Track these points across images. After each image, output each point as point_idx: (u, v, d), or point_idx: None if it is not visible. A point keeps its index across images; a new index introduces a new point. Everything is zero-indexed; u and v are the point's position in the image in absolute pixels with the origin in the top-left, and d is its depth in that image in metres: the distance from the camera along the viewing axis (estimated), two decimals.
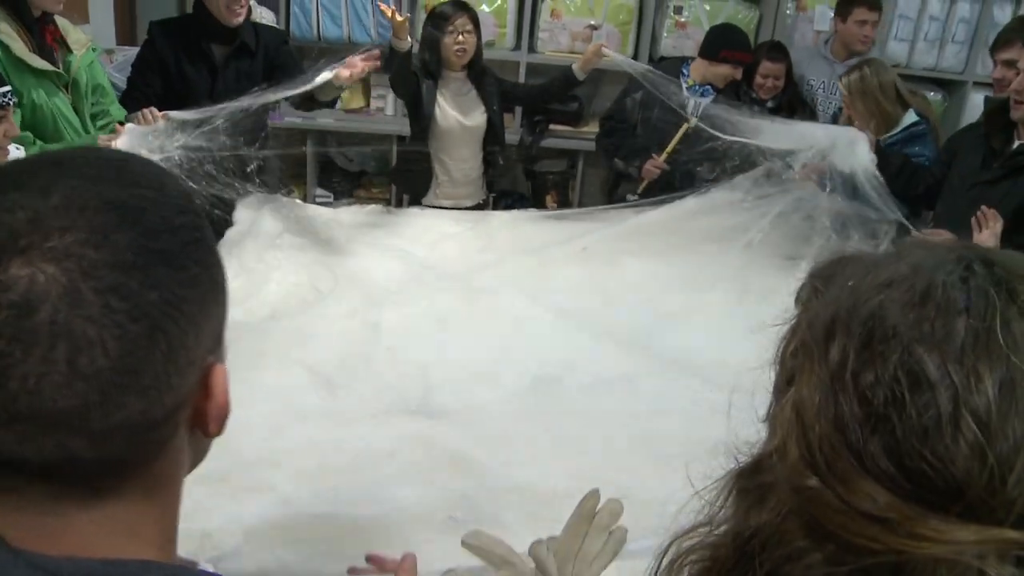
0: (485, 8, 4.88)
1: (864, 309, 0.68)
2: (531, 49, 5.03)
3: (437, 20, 3.80)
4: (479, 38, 3.85)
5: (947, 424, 0.62)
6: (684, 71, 4.11)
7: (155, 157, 2.81)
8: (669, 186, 3.83)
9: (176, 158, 2.92)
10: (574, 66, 3.90)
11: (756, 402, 0.85)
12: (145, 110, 3.00)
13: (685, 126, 3.83)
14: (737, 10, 5.03)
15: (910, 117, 3.72)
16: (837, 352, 0.68)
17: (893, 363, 0.64)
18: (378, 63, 3.45)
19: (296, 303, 2.91)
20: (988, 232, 2.82)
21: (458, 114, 3.86)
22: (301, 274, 3.08)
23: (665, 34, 5.03)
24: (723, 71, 4.01)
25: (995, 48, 3.48)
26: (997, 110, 3.27)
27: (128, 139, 2.84)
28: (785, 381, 0.75)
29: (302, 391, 2.45)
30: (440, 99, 3.84)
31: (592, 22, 4.99)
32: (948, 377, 0.63)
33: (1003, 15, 5.09)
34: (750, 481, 0.75)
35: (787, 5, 5.04)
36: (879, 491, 0.64)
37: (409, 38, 3.63)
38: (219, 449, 2.12)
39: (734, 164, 3.59)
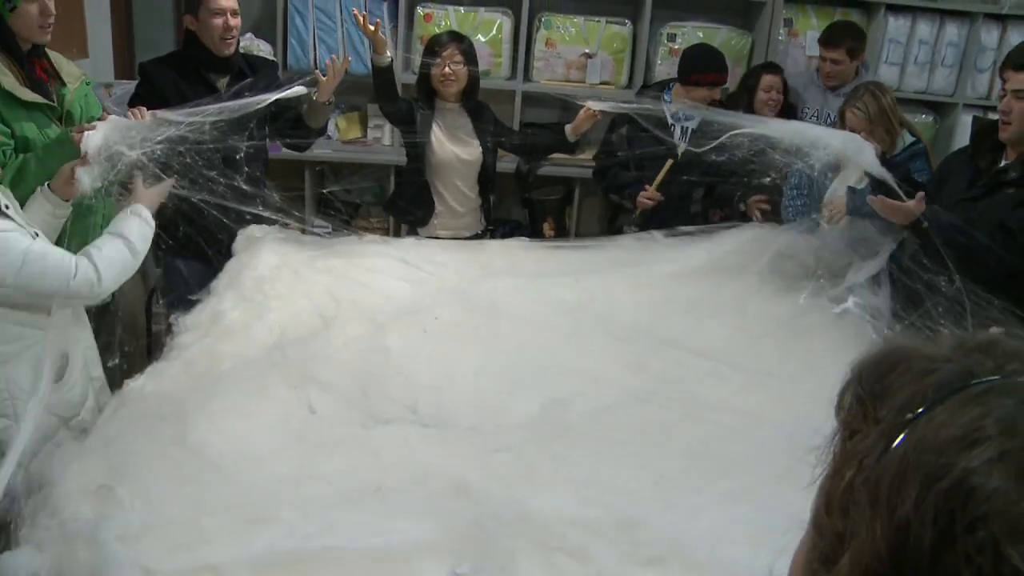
0: (481, 38, 4.92)
1: (944, 478, 0.57)
2: (526, 78, 5.07)
3: (429, 50, 3.87)
4: (474, 70, 3.88)
5: None
6: (666, 97, 4.14)
7: (134, 153, 2.84)
8: (667, 216, 3.87)
9: (157, 152, 2.92)
10: (567, 128, 3.94)
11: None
12: (134, 109, 3.04)
13: (670, 161, 3.85)
14: (730, 36, 5.09)
15: (908, 137, 3.78)
16: (906, 526, 0.58)
17: (981, 563, 0.55)
18: (348, 61, 3.58)
19: (300, 331, 2.91)
20: None
21: (454, 146, 3.90)
22: (302, 303, 3.08)
23: (659, 61, 5.08)
24: (700, 94, 4.04)
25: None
26: (985, 131, 3.34)
27: (108, 128, 2.81)
28: (835, 536, 0.64)
29: (308, 421, 2.45)
30: (436, 129, 3.88)
31: (586, 51, 5.04)
32: None
33: (990, 39, 5.18)
34: None
35: (779, 31, 5.09)
36: None
37: (389, 53, 3.68)
38: (226, 481, 2.13)
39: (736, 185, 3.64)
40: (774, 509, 1.95)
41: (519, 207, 5.43)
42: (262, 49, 4.74)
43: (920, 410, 0.62)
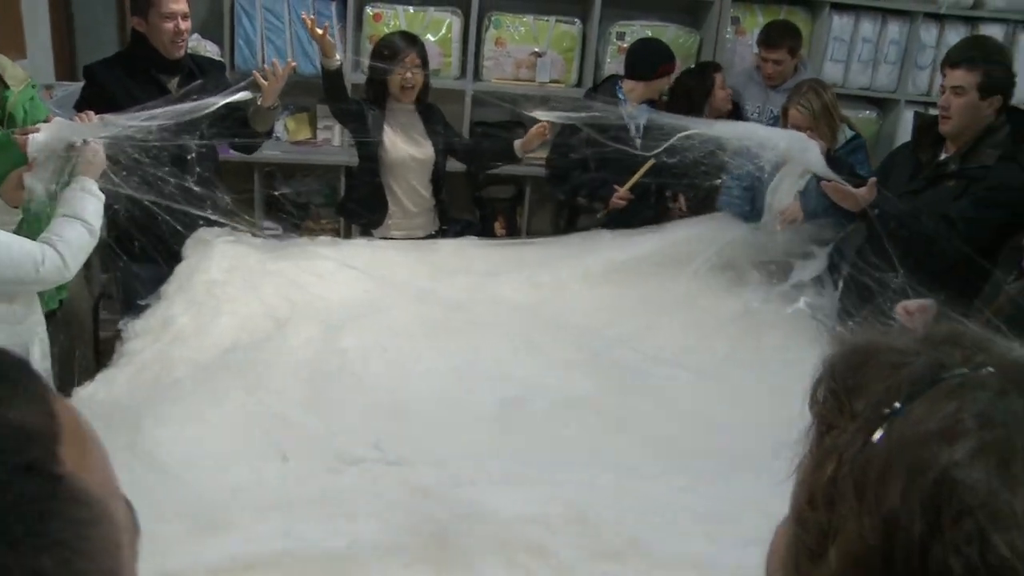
0: (430, 37, 4.90)
1: (928, 472, 0.59)
2: (476, 77, 5.07)
3: (385, 54, 3.82)
4: (427, 72, 3.88)
5: None
6: (620, 95, 4.17)
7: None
8: (632, 214, 3.91)
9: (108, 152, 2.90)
10: (516, 144, 3.95)
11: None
12: (82, 112, 3.00)
13: (651, 161, 3.87)
14: (678, 35, 5.13)
15: (848, 131, 3.84)
16: (894, 520, 0.60)
17: (969, 553, 0.56)
18: (292, 65, 3.57)
19: (253, 335, 2.89)
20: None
21: (408, 146, 3.88)
22: (255, 306, 3.06)
23: (608, 60, 5.11)
24: (662, 85, 4.15)
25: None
26: (926, 126, 3.43)
27: (53, 131, 2.77)
28: (820, 531, 0.65)
29: (264, 424, 2.43)
30: (388, 130, 3.86)
31: (536, 49, 5.05)
32: None
33: (929, 37, 5.29)
34: None
35: (726, 29, 5.15)
36: None
37: (338, 56, 3.67)
38: (180, 487, 2.10)
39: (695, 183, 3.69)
40: (729, 501, 1.98)
41: (470, 206, 5.43)
42: (209, 50, 4.68)
43: (897, 405, 0.63)
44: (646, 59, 4.16)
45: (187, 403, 2.46)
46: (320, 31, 3.62)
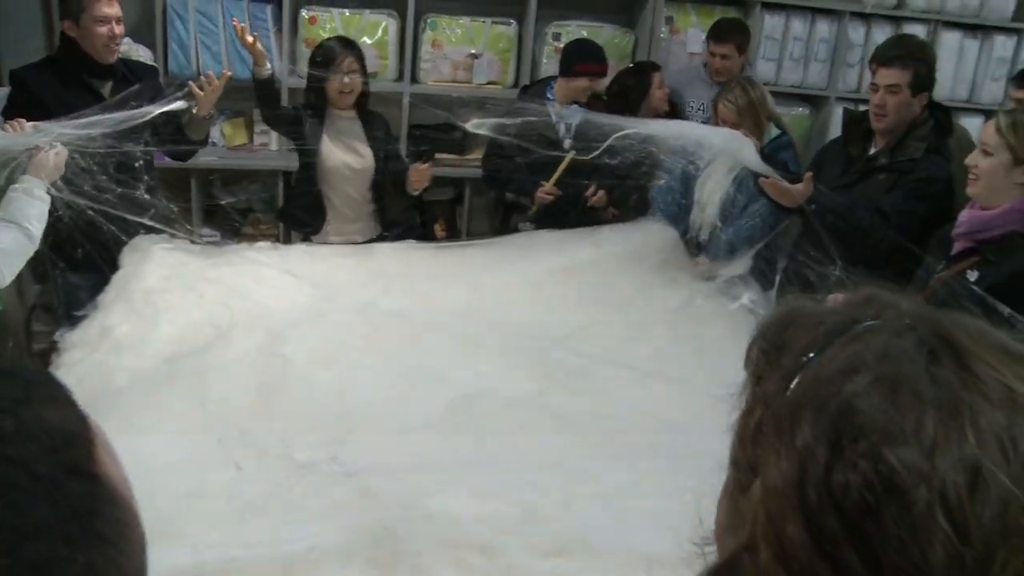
0: (367, 40, 4.89)
1: (831, 402, 0.66)
2: (414, 80, 5.07)
3: (322, 59, 3.79)
4: (365, 77, 3.86)
5: (923, 531, 0.61)
6: (549, 95, 4.21)
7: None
8: (562, 212, 3.93)
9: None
10: (408, 183, 3.92)
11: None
12: (12, 121, 2.94)
13: (568, 158, 3.90)
14: (614, 35, 5.18)
15: (775, 130, 3.91)
16: (805, 448, 0.66)
17: (865, 468, 0.63)
18: (228, 76, 3.53)
19: (194, 343, 2.85)
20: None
21: (345, 154, 3.86)
22: (195, 313, 3.02)
23: (545, 60, 5.14)
24: (580, 85, 4.13)
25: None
26: (855, 121, 3.53)
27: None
28: (749, 467, 0.72)
29: (208, 431, 2.41)
30: (326, 138, 3.83)
31: (473, 51, 5.06)
32: (921, 481, 0.61)
33: (857, 36, 5.44)
34: None
35: (661, 29, 5.21)
36: None
37: (270, 64, 3.65)
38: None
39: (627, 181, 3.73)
40: (673, 495, 2.01)
41: (410, 209, 5.42)
42: (141, 54, 4.61)
43: (812, 354, 0.71)
44: (565, 58, 4.22)
45: (129, 413, 2.43)
46: (250, 39, 3.59)
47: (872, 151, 3.45)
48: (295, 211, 4.09)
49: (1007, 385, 0.65)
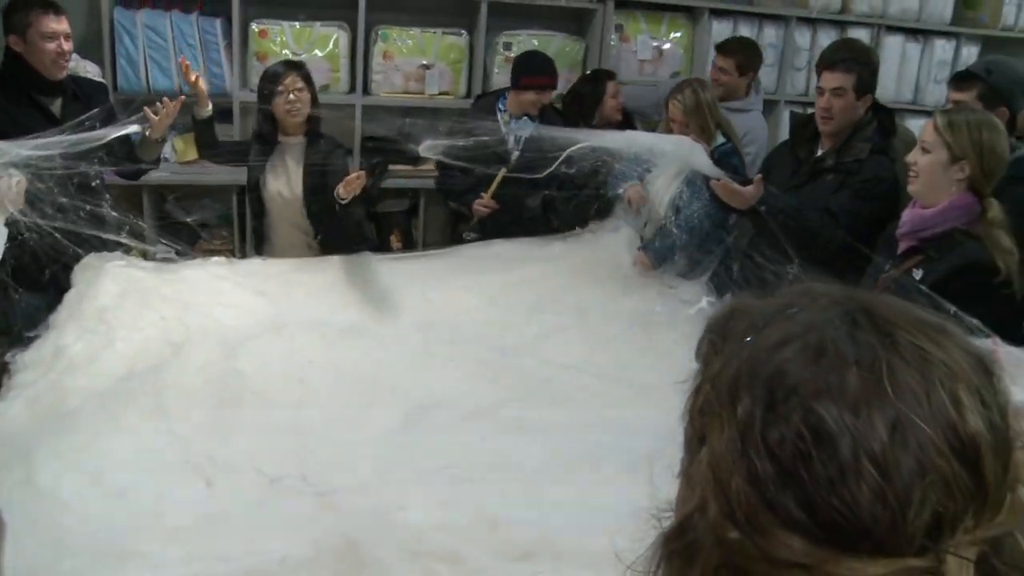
0: (318, 53, 4.89)
1: (764, 369, 0.73)
2: (366, 91, 5.06)
3: (267, 82, 3.77)
4: (315, 98, 3.81)
5: (850, 473, 0.68)
6: (501, 106, 4.23)
7: None
8: (504, 223, 3.96)
9: None
10: (338, 189, 3.62)
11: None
12: None
13: (501, 173, 3.91)
14: (564, 43, 5.22)
15: (719, 137, 3.94)
16: (744, 412, 0.73)
17: (796, 421, 0.70)
18: (194, 88, 3.54)
19: (150, 360, 2.82)
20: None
21: (278, 183, 3.82)
22: (149, 330, 2.99)
23: (496, 70, 5.16)
24: (529, 98, 4.15)
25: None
26: (801, 124, 3.60)
27: None
28: (697, 439, 0.78)
29: (166, 448, 2.39)
30: (268, 167, 3.81)
31: (424, 62, 5.07)
32: (846, 429, 0.68)
33: (803, 40, 5.53)
34: (678, 543, 0.78)
35: (611, 37, 5.25)
36: (795, 540, 0.69)
37: (210, 105, 3.66)
38: (83, 519, 2.05)
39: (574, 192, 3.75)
40: (637, 496, 2.02)
41: (366, 221, 5.40)
42: (89, 71, 4.55)
43: (750, 337, 0.78)
44: (514, 70, 4.24)
45: (84, 433, 2.40)
46: (193, 77, 3.57)
47: (819, 153, 3.51)
48: (255, 233, 4.08)
49: (920, 346, 0.72)
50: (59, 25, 3.35)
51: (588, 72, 4.96)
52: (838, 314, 0.75)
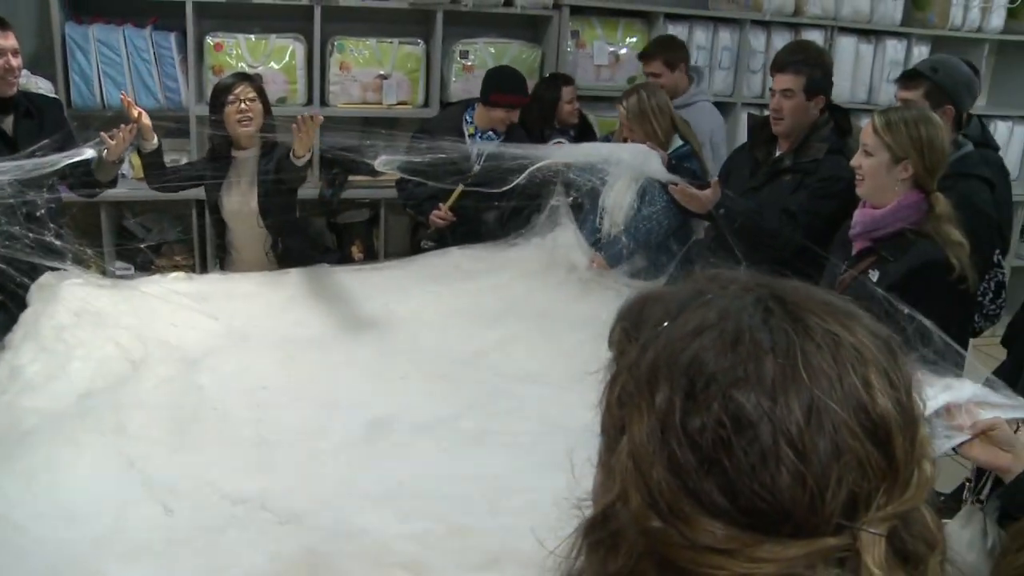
0: (274, 65, 4.87)
1: (682, 358, 0.74)
2: (323, 103, 5.04)
3: (218, 95, 3.74)
4: (267, 110, 3.79)
5: (770, 458, 0.70)
6: (468, 118, 4.24)
7: None
8: (461, 234, 3.99)
9: None
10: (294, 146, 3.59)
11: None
12: None
13: (460, 188, 3.92)
14: (521, 50, 5.24)
15: (677, 140, 3.97)
16: (663, 401, 0.74)
17: (716, 409, 0.71)
18: (137, 122, 3.48)
19: (108, 378, 2.80)
20: None
21: (235, 204, 3.81)
22: (108, 348, 2.96)
23: (454, 78, 5.17)
24: (498, 115, 4.16)
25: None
26: (759, 126, 3.64)
27: None
28: (617, 429, 0.79)
29: (126, 467, 2.36)
30: (224, 189, 3.80)
31: (381, 72, 5.07)
32: (765, 415, 0.70)
33: (758, 43, 5.60)
34: (600, 532, 0.79)
35: (567, 43, 5.28)
36: (718, 526, 0.71)
37: (155, 138, 3.62)
38: (41, 543, 2.02)
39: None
40: None
41: (327, 232, 5.39)
42: (41, 87, 4.50)
43: (665, 323, 0.79)
44: (484, 86, 4.24)
45: (40, 454, 2.37)
46: (136, 113, 3.51)
47: (777, 154, 3.56)
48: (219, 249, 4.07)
49: (831, 331, 0.75)
50: (6, 41, 3.31)
51: (547, 76, 4.98)
52: (751, 301, 0.77)
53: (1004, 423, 1.74)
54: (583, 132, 4.83)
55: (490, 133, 4.22)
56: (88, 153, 3.33)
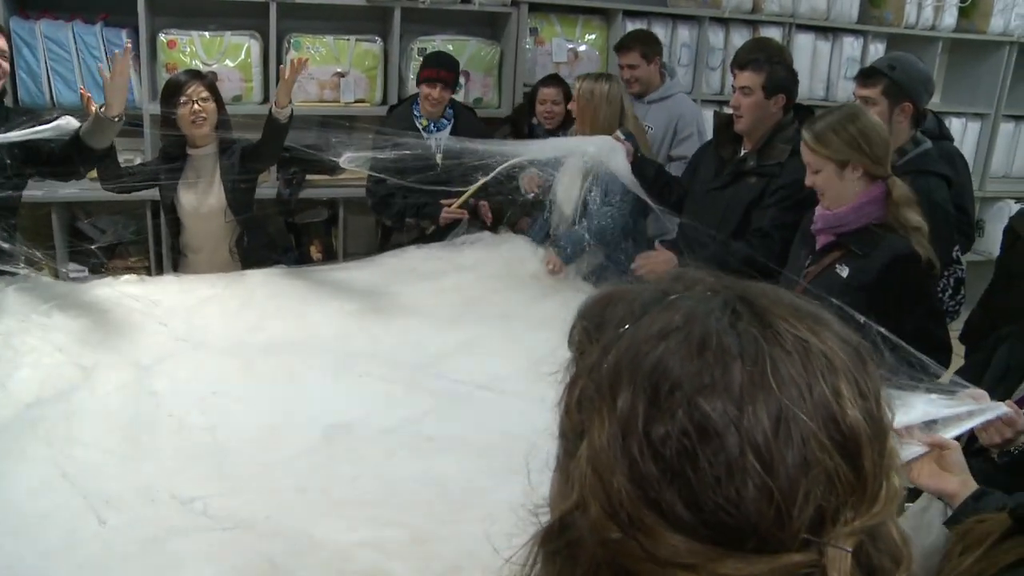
0: (229, 63, 4.80)
1: (646, 362, 0.71)
2: None
3: (169, 94, 3.66)
4: (221, 107, 3.72)
5: (736, 470, 0.67)
6: (416, 112, 4.21)
7: None
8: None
9: None
10: (272, 109, 3.59)
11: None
12: None
13: (481, 182, 3.87)
14: (479, 47, 5.20)
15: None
16: (625, 406, 0.70)
17: (680, 417, 0.68)
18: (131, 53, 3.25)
19: (58, 385, 2.72)
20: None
21: (195, 201, 3.74)
22: (57, 355, 2.88)
23: (412, 76, 5.10)
24: (424, 93, 4.18)
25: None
26: (724, 124, 3.63)
27: None
28: (576, 434, 0.76)
29: (76, 479, 2.28)
30: (181, 188, 3.72)
31: (339, 70, 5.01)
32: (731, 424, 0.67)
33: (717, 40, 5.62)
34: (558, 541, 0.76)
35: (526, 40, 5.25)
36: (680, 539, 0.67)
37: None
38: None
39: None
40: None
41: (285, 232, 5.31)
42: None
43: (628, 325, 0.75)
44: (420, 68, 4.31)
45: None
46: (94, 108, 3.16)
47: (742, 153, 3.55)
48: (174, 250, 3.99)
49: (801, 337, 0.72)
50: None
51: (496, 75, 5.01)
52: (718, 304, 0.74)
53: (958, 446, 1.69)
54: None
55: (443, 121, 4.21)
56: (66, 121, 3.09)
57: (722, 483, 0.67)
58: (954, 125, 6.04)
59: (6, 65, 3.30)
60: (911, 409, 1.71)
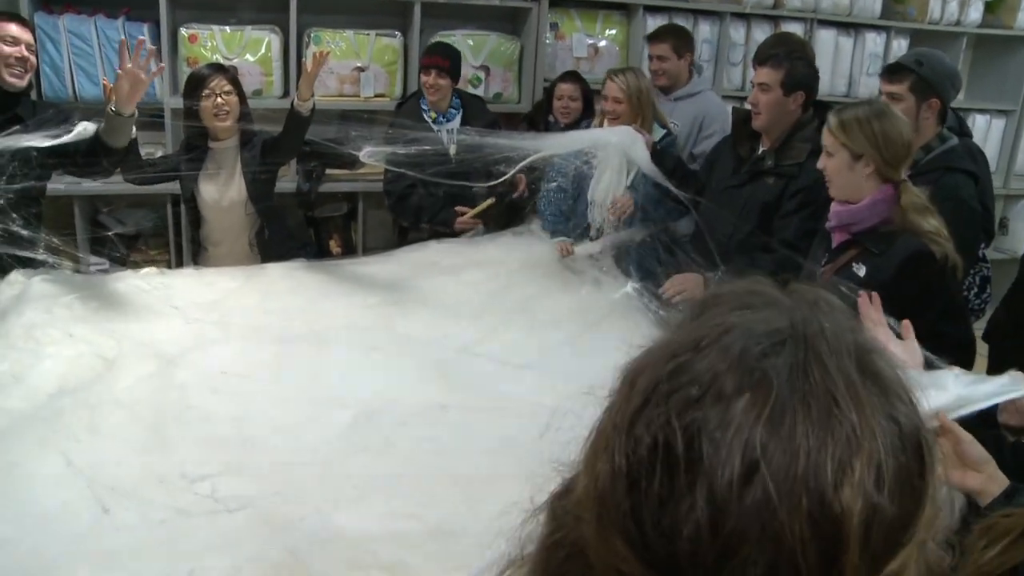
0: (249, 58, 4.80)
1: (668, 365, 0.67)
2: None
3: (193, 87, 3.66)
4: (243, 100, 3.73)
5: (681, 501, 0.61)
6: (423, 105, 4.20)
7: None
8: None
9: None
10: (296, 101, 3.59)
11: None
12: None
13: (490, 200, 3.93)
14: (500, 42, 5.19)
15: (660, 130, 3.93)
16: (636, 394, 0.67)
17: (658, 425, 0.64)
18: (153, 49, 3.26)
19: (82, 377, 2.73)
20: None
21: (216, 193, 3.75)
22: (81, 346, 2.90)
23: None
24: (424, 81, 4.17)
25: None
26: (743, 120, 3.59)
27: None
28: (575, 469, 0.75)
29: (99, 470, 2.29)
30: (201, 180, 3.73)
31: (359, 64, 5.01)
32: (700, 455, 0.62)
33: (738, 35, 5.57)
34: (565, 501, 0.75)
35: (546, 35, 5.24)
36: (626, 550, 0.64)
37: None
38: (13, 547, 1.97)
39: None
40: None
41: (305, 226, 5.32)
42: None
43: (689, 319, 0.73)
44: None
45: (12, 455, 2.31)
46: (110, 87, 3.21)
47: (760, 151, 3.52)
48: (194, 243, 4.00)
49: (834, 398, 0.63)
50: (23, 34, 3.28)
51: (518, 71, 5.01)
52: (772, 332, 0.67)
53: (974, 440, 1.62)
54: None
55: (451, 111, 4.23)
56: (85, 127, 3.15)
57: (665, 506, 0.62)
58: (978, 122, 5.98)
59: (33, 59, 3.33)
60: (942, 391, 1.68)
